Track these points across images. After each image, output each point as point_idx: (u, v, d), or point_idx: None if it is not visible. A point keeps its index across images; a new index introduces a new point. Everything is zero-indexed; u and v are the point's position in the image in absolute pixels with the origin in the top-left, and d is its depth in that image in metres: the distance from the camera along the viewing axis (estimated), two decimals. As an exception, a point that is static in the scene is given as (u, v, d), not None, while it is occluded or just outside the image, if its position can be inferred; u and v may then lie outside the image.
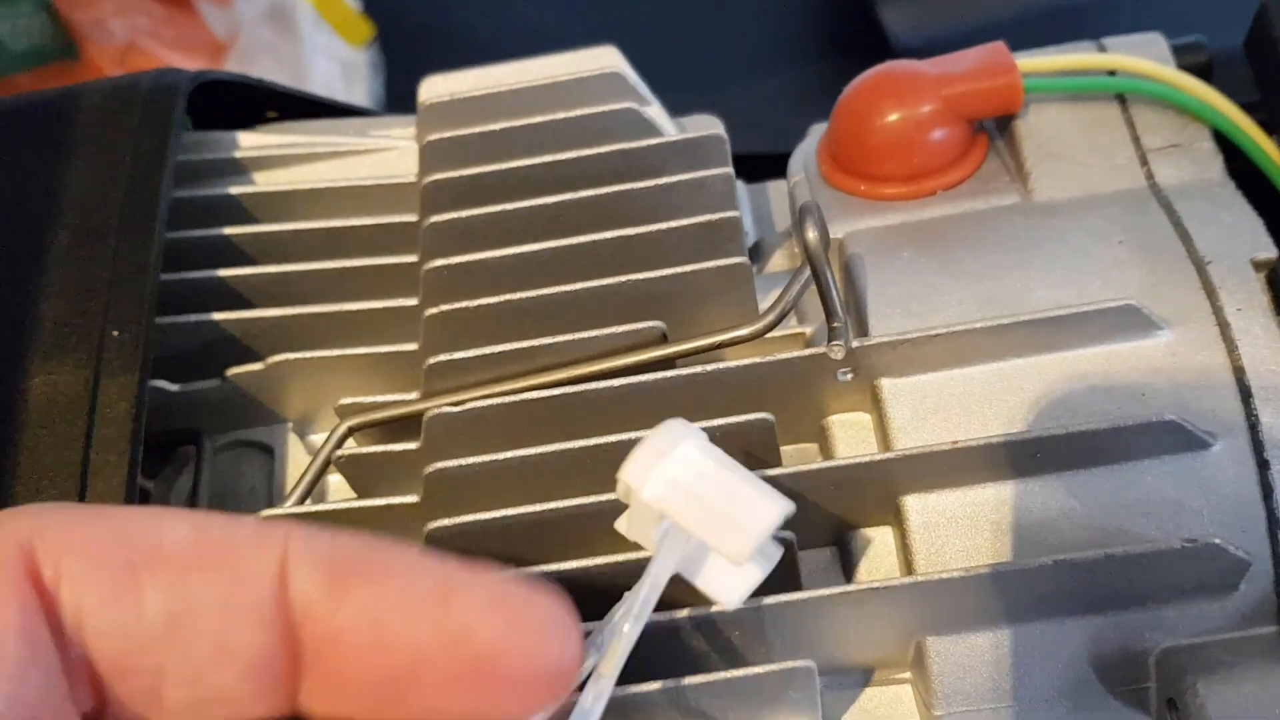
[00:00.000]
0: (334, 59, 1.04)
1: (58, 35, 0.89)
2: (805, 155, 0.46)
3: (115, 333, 0.39)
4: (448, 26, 1.08)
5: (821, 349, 0.37)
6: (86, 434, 0.37)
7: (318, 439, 0.44)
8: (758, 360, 0.38)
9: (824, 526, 0.39)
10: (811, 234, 0.36)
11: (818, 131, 0.47)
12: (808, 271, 0.38)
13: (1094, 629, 0.35)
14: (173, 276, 0.43)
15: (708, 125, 0.48)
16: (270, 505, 0.43)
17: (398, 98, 1.06)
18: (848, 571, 0.39)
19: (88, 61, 0.89)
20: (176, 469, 0.43)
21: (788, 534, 0.35)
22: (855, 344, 0.37)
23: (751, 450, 0.37)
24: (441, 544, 0.37)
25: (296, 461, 0.44)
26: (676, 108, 0.47)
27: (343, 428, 0.41)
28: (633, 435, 0.37)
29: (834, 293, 0.36)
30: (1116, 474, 0.36)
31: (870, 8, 0.96)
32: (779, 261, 0.46)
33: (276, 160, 0.47)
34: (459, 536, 0.37)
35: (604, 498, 0.36)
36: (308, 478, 0.40)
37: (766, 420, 0.37)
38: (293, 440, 0.45)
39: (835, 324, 0.37)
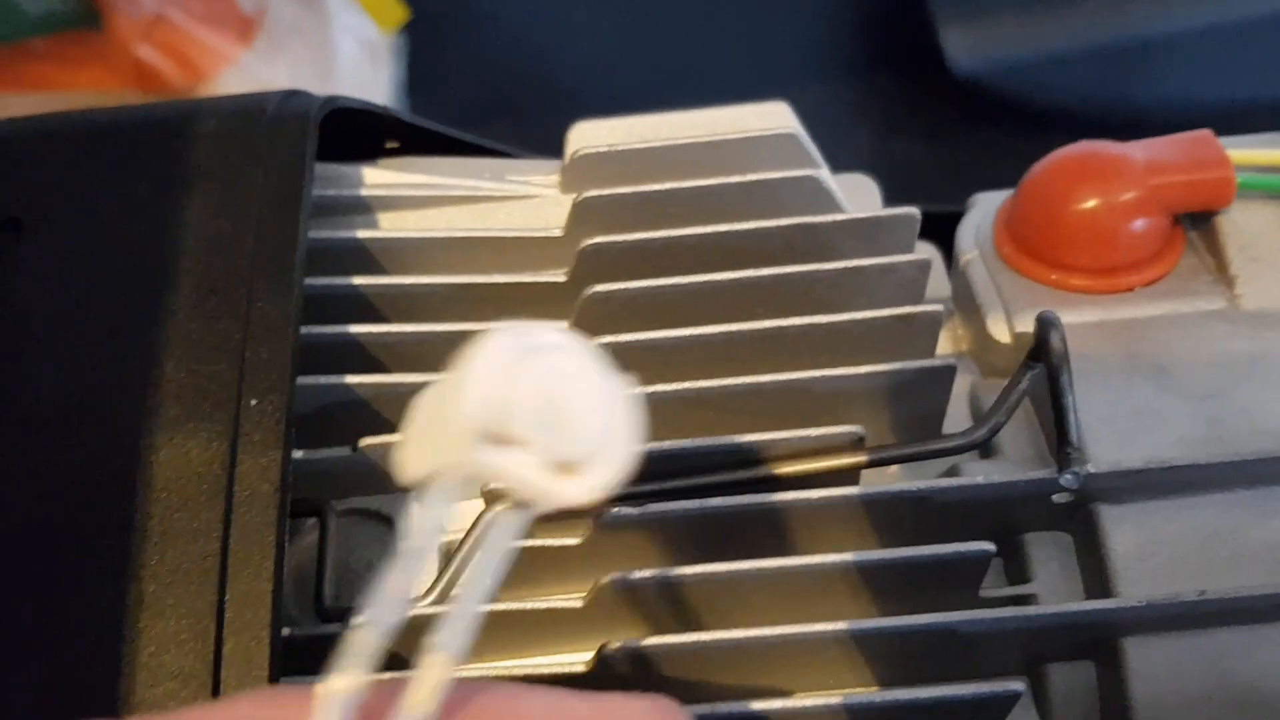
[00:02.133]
0: (360, 40, 0.99)
1: (79, 1, 0.84)
2: (978, 230, 0.43)
3: (253, 401, 0.35)
4: (473, 11, 1.04)
5: (1049, 474, 0.34)
6: (225, 518, 0.33)
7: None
8: (973, 483, 0.34)
9: (1016, 659, 0.36)
10: (1057, 348, 0.33)
11: (987, 202, 0.44)
12: (1026, 378, 0.35)
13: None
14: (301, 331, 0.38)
15: (865, 188, 0.44)
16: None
17: (420, 84, 1.02)
18: (1043, 711, 0.36)
19: (111, 32, 0.84)
20: (294, 539, 0.39)
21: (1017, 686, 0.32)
22: (1089, 470, 0.34)
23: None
24: (615, 665, 0.34)
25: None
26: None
27: (490, 515, 0.37)
28: (825, 559, 0.34)
29: (1073, 416, 0.33)
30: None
31: (930, 27, 0.93)
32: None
33: (406, 201, 0.42)
34: (634, 659, 0.33)
35: (798, 629, 0.32)
36: (453, 572, 0.36)
37: (986, 552, 0.33)
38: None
39: (1070, 451, 0.34)
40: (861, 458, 0.35)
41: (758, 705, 0.33)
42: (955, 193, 0.48)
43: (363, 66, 0.98)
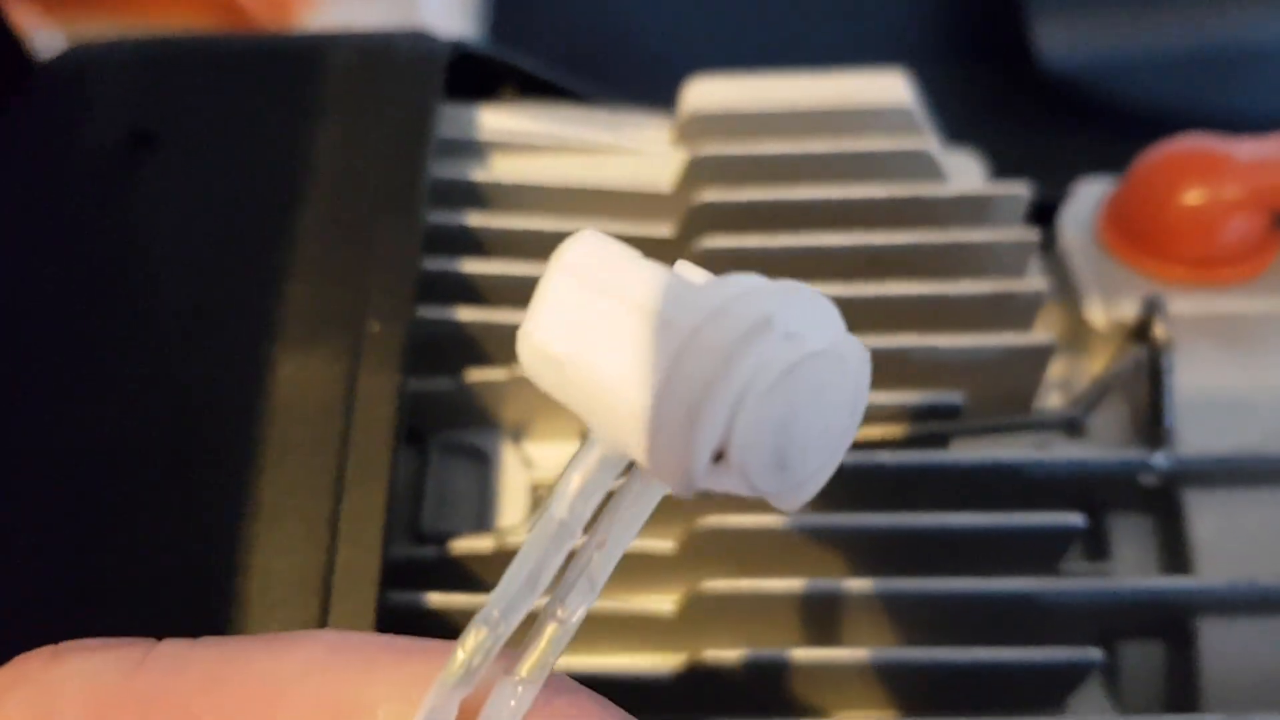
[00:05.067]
0: (442, -13, 1.00)
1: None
2: (1078, 216, 0.44)
3: (376, 326, 0.36)
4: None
5: (1141, 454, 0.35)
6: (343, 436, 0.35)
7: (535, 450, 0.42)
8: (1068, 459, 0.35)
9: (1089, 634, 0.37)
10: (1161, 332, 0.34)
11: (1088, 190, 0.45)
12: (1126, 359, 0.36)
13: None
14: (417, 264, 0.40)
15: (970, 165, 0.45)
16: (481, 516, 0.40)
17: (501, 42, 1.03)
18: (1115, 689, 0.37)
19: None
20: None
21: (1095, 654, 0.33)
22: (1180, 453, 0.35)
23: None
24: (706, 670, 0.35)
25: (510, 472, 0.42)
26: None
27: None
28: (915, 519, 0.35)
29: (1170, 399, 0.34)
30: None
31: (1021, 21, 0.93)
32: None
33: (521, 147, 0.43)
34: (726, 673, 0.34)
35: (879, 583, 0.34)
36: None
37: (1076, 525, 0.34)
38: (508, 448, 0.42)
39: (1164, 431, 0.34)
40: (958, 425, 0.36)
41: (819, 652, 0.34)
42: (1035, 186, 0.48)
43: (447, 19, 0.99)
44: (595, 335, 0.20)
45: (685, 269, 0.21)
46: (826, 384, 0.20)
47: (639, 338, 0.20)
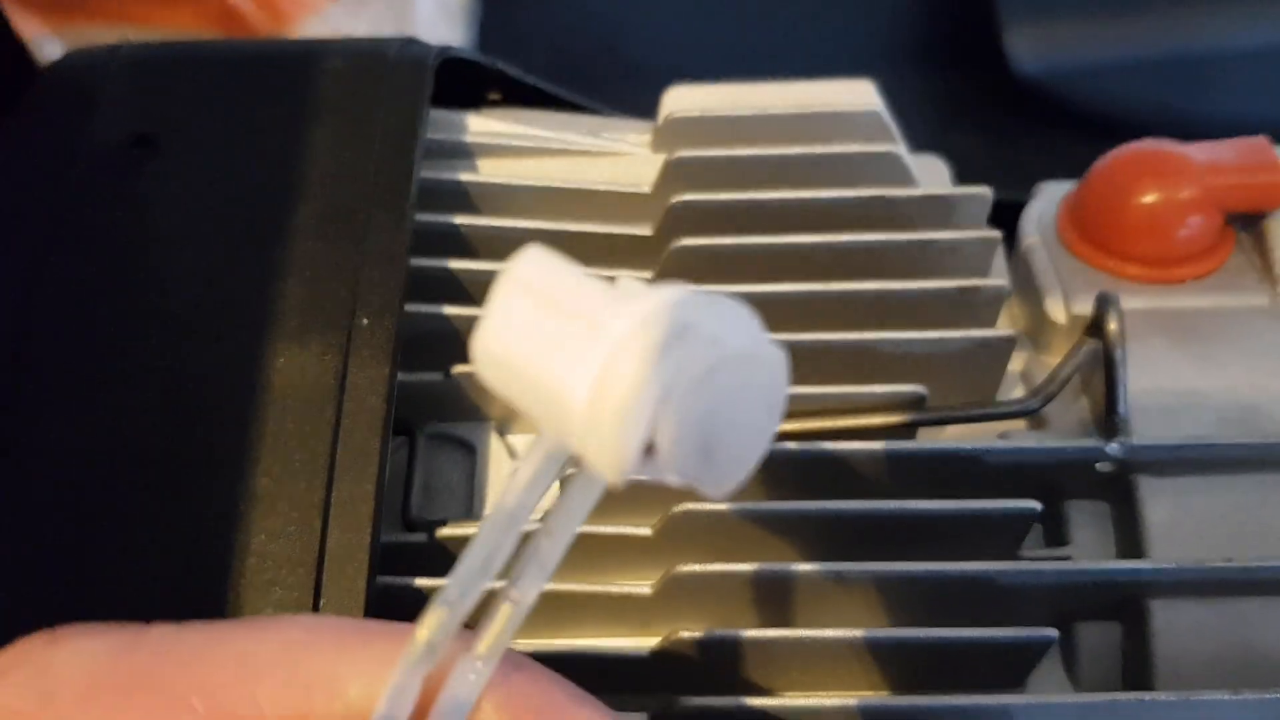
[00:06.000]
0: (437, 2, 1.01)
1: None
2: (1040, 216, 0.45)
3: (365, 320, 0.38)
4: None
5: (1097, 443, 0.37)
6: (334, 426, 0.36)
7: (520, 442, 0.43)
8: (1025, 446, 0.37)
9: (1047, 615, 0.38)
10: (1114, 326, 0.35)
11: (1050, 190, 0.46)
12: (1081, 352, 0.37)
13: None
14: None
15: (937, 169, 0.47)
16: (469, 506, 0.42)
17: (492, 48, 1.04)
18: (1072, 668, 0.38)
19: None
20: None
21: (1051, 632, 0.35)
22: (1134, 442, 0.37)
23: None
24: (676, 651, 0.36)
25: (497, 463, 0.43)
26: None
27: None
28: (878, 504, 0.36)
29: (1123, 390, 0.36)
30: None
31: (994, 26, 0.95)
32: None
33: (506, 150, 0.45)
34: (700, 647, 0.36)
35: (840, 567, 0.35)
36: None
37: (1033, 509, 0.36)
38: (494, 441, 0.44)
39: (1118, 422, 0.36)
40: (922, 415, 0.38)
41: (788, 632, 0.35)
42: (1007, 190, 0.50)
43: (439, 27, 1.00)
44: (539, 342, 0.23)
45: (626, 284, 0.23)
46: (746, 383, 0.23)
47: (578, 344, 0.22)
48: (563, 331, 0.22)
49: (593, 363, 0.22)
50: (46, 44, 0.77)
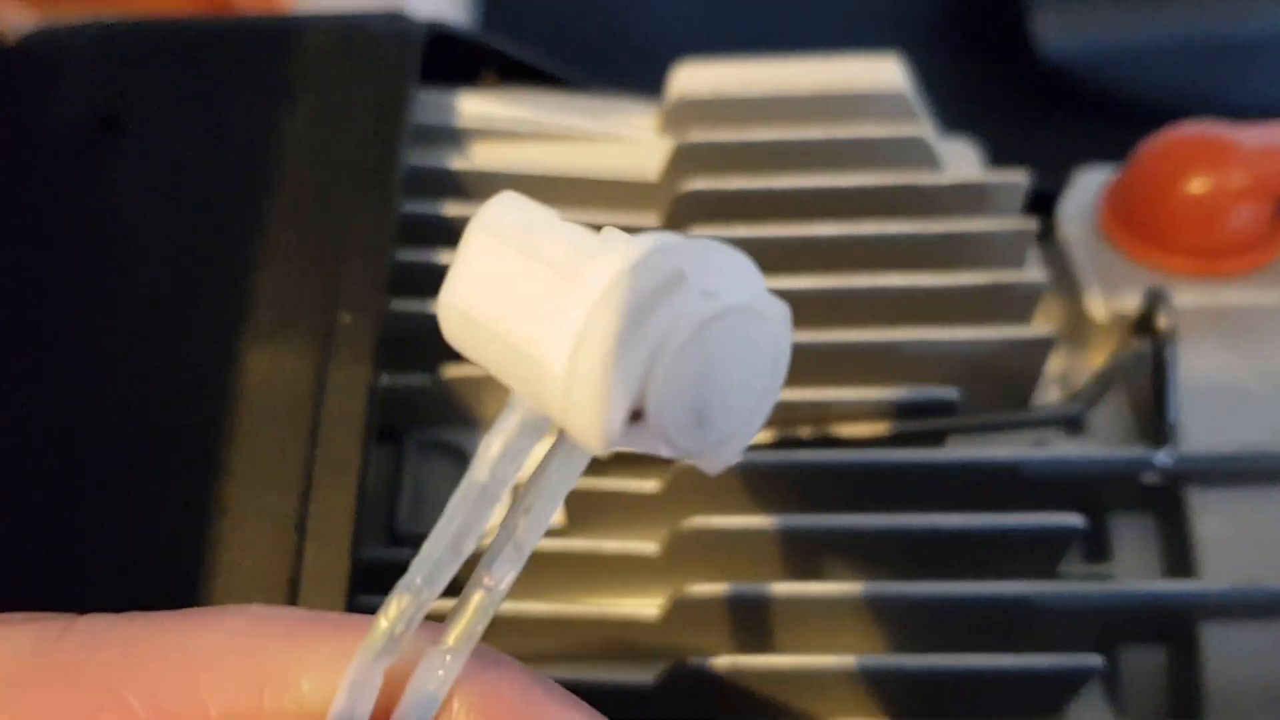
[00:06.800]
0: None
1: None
2: (1079, 206, 0.42)
3: (347, 317, 0.35)
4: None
5: (1144, 452, 0.34)
6: (312, 431, 0.33)
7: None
8: (1066, 455, 0.34)
9: (1088, 639, 0.35)
10: (1165, 323, 0.33)
11: (1088, 179, 0.43)
12: (1126, 353, 0.34)
13: None
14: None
15: (968, 157, 0.44)
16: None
17: (493, 29, 1.01)
18: (1115, 695, 0.35)
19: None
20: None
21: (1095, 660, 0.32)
22: (1185, 451, 0.34)
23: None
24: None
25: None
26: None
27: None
28: (908, 520, 0.33)
29: (1174, 393, 0.33)
30: None
31: (1021, 9, 0.91)
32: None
33: (502, 134, 0.42)
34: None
35: (869, 587, 0.32)
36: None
37: (1075, 526, 0.33)
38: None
39: (1168, 427, 0.33)
40: (952, 422, 0.35)
41: (806, 659, 0.33)
42: (1033, 176, 0.47)
43: (435, 4, 0.98)
44: (513, 296, 0.20)
45: (610, 231, 0.21)
46: (745, 340, 0.20)
47: (555, 296, 0.20)
48: (539, 284, 0.20)
49: (572, 319, 0.19)
50: (22, 22, 0.75)
